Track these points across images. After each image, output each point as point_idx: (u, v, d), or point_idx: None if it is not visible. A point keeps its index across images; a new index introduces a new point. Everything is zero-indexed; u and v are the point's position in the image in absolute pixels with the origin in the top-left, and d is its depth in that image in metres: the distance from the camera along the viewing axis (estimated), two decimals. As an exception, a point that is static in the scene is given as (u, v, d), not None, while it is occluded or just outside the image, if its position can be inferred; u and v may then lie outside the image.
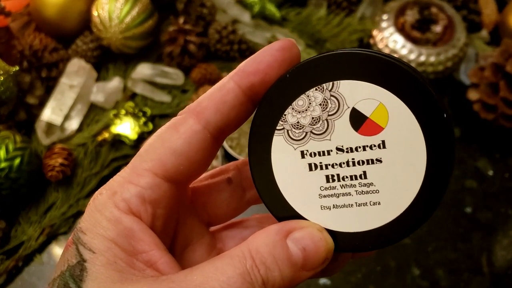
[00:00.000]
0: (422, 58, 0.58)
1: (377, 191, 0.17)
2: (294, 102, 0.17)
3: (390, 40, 0.60)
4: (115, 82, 0.60)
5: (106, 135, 0.56)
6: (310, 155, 0.17)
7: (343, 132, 0.17)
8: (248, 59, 0.18)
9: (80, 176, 0.55)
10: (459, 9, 0.64)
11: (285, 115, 0.17)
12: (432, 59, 0.58)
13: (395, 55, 0.60)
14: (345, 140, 0.17)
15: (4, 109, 0.54)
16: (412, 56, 0.58)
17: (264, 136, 0.18)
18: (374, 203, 0.17)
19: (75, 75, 0.58)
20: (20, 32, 0.62)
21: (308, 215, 0.18)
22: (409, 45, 0.59)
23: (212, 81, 0.60)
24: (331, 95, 0.17)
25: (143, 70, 0.61)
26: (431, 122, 0.16)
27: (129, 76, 0.62)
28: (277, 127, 0.18)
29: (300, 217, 0.18)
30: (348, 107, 0.17)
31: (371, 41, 0.63)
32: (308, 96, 0.17)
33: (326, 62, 0.17)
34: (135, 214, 0.17)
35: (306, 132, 0.17)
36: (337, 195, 0.17)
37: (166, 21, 0.65)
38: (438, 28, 0.60)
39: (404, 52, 0.59)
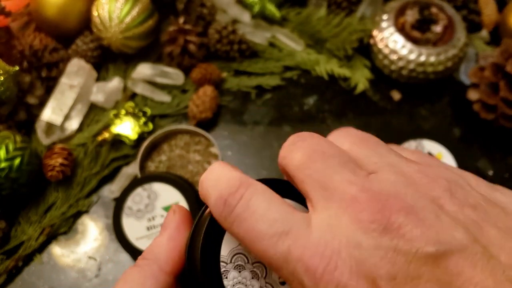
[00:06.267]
0: (422, 58, 0.58)
1: None
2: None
3: (390, 40, 0.59)
4: (115, 82, 0.60)
5: (106, 135, 0.56)
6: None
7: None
8: None
9: (80, 176, 0.55)
10: (459, 9, 0.64)
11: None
12: (432, 59, 0.58)
13: (395, 55, 0.60)
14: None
15: (4, 109, 0.54)
16: (412, 56, 0.58)
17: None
18: None
19: (75, 75, 0.58)
20: (20, 32, 0.61)
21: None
22: (409, 45, 0.59)
23: (212, 81, 0.60)
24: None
25: (143, 70, 0.61)
26: None
27: (129, 76, 0.62)
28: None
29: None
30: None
31: (371, 41, 0.63)
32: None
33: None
34: None
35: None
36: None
37: (166, 21, 0.65)
38: (438, 28, 0.60)
39: (404, 52, 0.59)
